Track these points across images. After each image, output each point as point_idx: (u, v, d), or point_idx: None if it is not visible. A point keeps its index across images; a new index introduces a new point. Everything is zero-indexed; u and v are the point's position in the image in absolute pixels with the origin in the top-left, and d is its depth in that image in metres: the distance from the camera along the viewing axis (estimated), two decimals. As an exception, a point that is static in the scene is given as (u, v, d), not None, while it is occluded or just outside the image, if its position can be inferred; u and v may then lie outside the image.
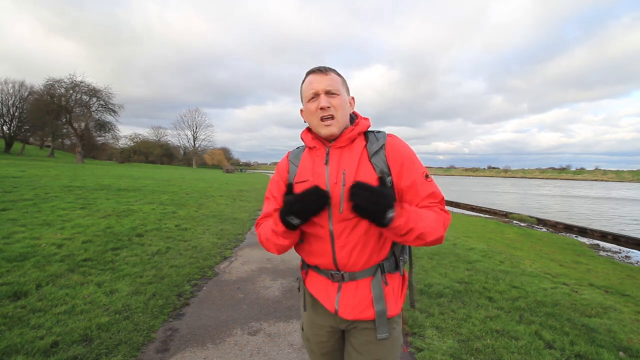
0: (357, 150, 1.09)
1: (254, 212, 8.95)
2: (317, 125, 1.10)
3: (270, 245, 1.10)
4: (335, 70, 1.14)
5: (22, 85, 38.98)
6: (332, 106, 1.07)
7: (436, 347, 2.39)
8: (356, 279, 1.09)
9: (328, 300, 1.12)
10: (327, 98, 1.07)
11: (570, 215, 16.56)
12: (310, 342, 1.23)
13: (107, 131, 43.37)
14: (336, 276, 1.10)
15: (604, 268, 6.15)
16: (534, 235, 9.78)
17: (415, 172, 1.06)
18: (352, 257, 1.06)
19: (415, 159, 1.09)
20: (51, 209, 6.49)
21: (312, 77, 1.11)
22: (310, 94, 1.09)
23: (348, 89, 1.17)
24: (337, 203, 1.04)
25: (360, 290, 1.09)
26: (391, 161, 1.07)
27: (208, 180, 21.75)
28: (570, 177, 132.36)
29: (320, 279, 1.16)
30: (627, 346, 2.49)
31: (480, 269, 4.38)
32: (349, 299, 1.09)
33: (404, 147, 1.11)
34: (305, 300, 1.22)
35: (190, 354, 2.27)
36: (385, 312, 1.07)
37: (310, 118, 1.12)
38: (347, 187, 1.00)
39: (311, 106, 1.10)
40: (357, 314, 1.08)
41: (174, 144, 75.62)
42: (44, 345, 2.14)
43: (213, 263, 4.29)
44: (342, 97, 1.10)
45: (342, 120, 1.09)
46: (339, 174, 1.07)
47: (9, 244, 4.07)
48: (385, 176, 1.05)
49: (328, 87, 1.08)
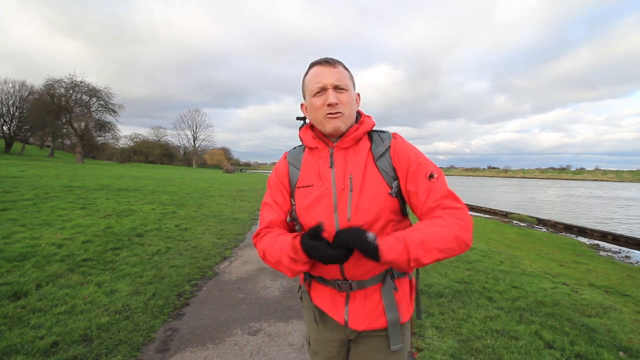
0: (363, 152, 1.02)
1: (254, 212, 8.95)
2: (322, 120, 1.01)
3: (282, 268, 0.97)
4: (343, 63, 1.04)
5: (22, 85, 39.01)
6: (340, 102, 0.98)
7: (436, 347, 2.39)
8: (365, 287, 1.02)
9: (336, 312, 1.05)
10: (336, 94, 0.98)
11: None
12: (318, 356, 1.17)
13: (107, 131, 43.42)
14: (343, 286, 1.03)
15: (604, 268, 6.15)
16: (534, 235, 9.78)
17: (420, 174, 0.98)
18: (360, 266, 0.99)
19: (422, 160, 1.01)
20: (51, 209, 6.49)
21: (319, 69, 1.01)
22: (317, 88, 0.99)
23: (354, 85, 1.08)
24: (344, 210, 0.98)
25: (370, 298, 1.02)
26: (397, 164, 1.01)
27: (208, 180, 21.75)
28: (570, 177, 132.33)
29: (325, 290, 1.08)
30: (627, 346, 2.49)
31: (480, 269, 4.38)
32: (359, 309, 1.02)
33: (410, 148, 1.03)
34: (315, 314, 1.12)
35: (190, 354, 2.27)
36: (398, 320, 1.01)
37: (315, 114, 1.02)
38: (355, 193, 0.97)
39: (317, 101, 1.00)
40: (368, 324, 1.02)
41: (174, 144, 75.78)
42: (44, 345, 2.14)
43: (213, 263, 4.29)
44: (350, 93, 1.02)
45: (349, 118, 1.02)
46: (345, 178, 1.00)
47: (9, 244, 4.07)
48: (392, 180, 1.00)
49: (337, 81, 0.99)
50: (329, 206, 1.00)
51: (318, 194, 1.02)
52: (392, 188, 0.99)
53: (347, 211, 0.97)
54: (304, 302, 1.20)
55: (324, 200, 1.01)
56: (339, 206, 0.99)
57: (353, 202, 0.97)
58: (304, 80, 1.07)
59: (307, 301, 1.17)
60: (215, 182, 19.73)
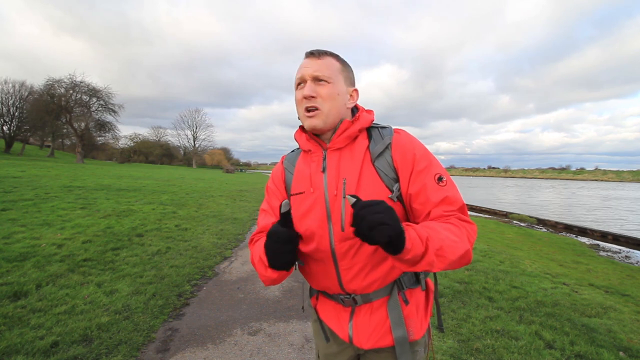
0: (359, 152, 0.92)
1: (254, 212, 8.94)
2: (301, 116, 0.94)
3: (258, 273, 0.92)
4: (336, 54, 0.95)
5: (22, 85, 39.02)
6: (318, 95, 0.89)
7: (436, 347, 2.39)
8: (371, 301, 0.93)
9: (340, 328, 0.98)
10: (314, 86, 0.90)
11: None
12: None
13: (107, 131, 43.37)
14: (347, 300, 0.95)
15: (604, 268, 6.15)
16: (534, 235, 9.78)
17: (427, 175, 0.87)
18: (360, 280, 0.90)
19: (430, 159, 0.90)
20: (51, 209, 6.49)
21: (304, 61, 0.94)
22: (297, 79, 0.93)
23: (350, 79, 0.98)
24: (338, 220, 0.88)
25: (377, 313, 0.93)
26: (399, 164, 0.89)
27: (208, 180, 21.75)
28: (571, 177, 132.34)
29: (330, 305, 1.01)
30: (627, 346, 2.49)
31: (480, 269, 4.38)
32: (364, 325, 0.94)
33: (415, 144, 0.92)
34: (325, 331, 1.05)
35: (190, 354, 2.27)
36: (406, 338, 0.91)
37: (297, 108, 0.95)
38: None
39: (297, 94, 0.93)
40: (374, 342, 0.93)
41: (174, 144, 75.78)
42: (44, 345, 2.14)
43: (213, 263, 4.29)
44: (334, 85, 0.91)
45: (330, 114, 0.90)
46: (339, 183, 0.89)
47: (9, 244, 4.07)
48: (392, 183, 0.89)
49: (316, 72, 0.90)
50: (321, 215, 0.91)
51: (310, 202, 0.93)
52: (393, 192, 0.88)
53: (341, 221, 0.87)
54: (312, 316, 1.14)
55: (315, 208, 0.92)
56: (333, 215, 0.89)
57: (347, 209, 0.86)
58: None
59: (314, 315, 1.11)
60: (215, 182, 19.73)
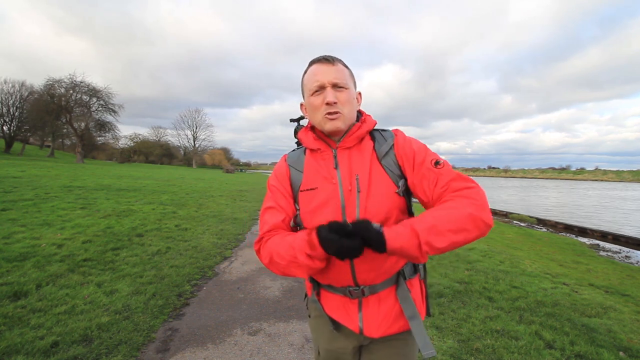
0: (367, 151, 1.00)
1: (254, 212, 8.95)
2: (321, 120, 0.99)
3: (295, 269, 0.90)
4: (342, 61, 1.02)
5: (22, 85, 39.00)
6: (339, 101, 0.96)
7: (436, 347, 2.39)
8: (377, 292, 0.99)
9: (349, 320, 1.01)
10: (334, 92, 0.96)
11: None
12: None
13: (107, 131, 43.36)
14: (355, 292, 0.99)
15: (604, 268, 6.15)
16: (534, 235, 9.77)
17: (426, 163, 0.95)
18: (373, 270, 0.96)
19: (425, 150, 0.99)
20: (51, 209, 6.49)
21: (317, 67, 0.98)
22: (315, 87, 0.97)
23: (355, 83, 1.06)
24: (353, 212, 0.94)
25: (385, 302, 0.99)
26: (402, 160, 0.99)
27: (208, 180, 21.75)
28: (571, 177, 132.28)
29: (336, 298, 1.04)
30: (627, 346, 2.49)
31: (480, 269, 4.38)
32: (374, 315, 0.99)
33: (412, 141, 1.01)
34: (333, 322, 1.07)
35: (190, 354, 2.27)
36: (420, 318, 0.98)
37: (314, 113, 1.00)
38: (362, 194, 0.95)
39: (315, 100, 0.98)
40: (385, 330, 0.99)
41: (174, 144, 75.76)
42: (44, 345, 2.15)
43: (213, 263, 4.30)
44: (350, 91, 0.99)
45: (349, 117, 0.99)
46: (352, 179, 0.97)
47: (9, 244, 4.07)
48: (398, 179, 0.98)
49: (335, 79, 0.96)
50: (336, 208, 0.97)
51: (324, 196, 0.99)
52: (399, 187, 0.97)
53: (356, 213, 0.94)
54: (312, 312, 1.16)
55: (331, 202, 0.97)
56: (347, 208, 0.96)
57: (362, 203, 0.94)
58: (303, 79, 1.05)
59: (315, 310, 1.13)
60: (215, 182, 19.74)
